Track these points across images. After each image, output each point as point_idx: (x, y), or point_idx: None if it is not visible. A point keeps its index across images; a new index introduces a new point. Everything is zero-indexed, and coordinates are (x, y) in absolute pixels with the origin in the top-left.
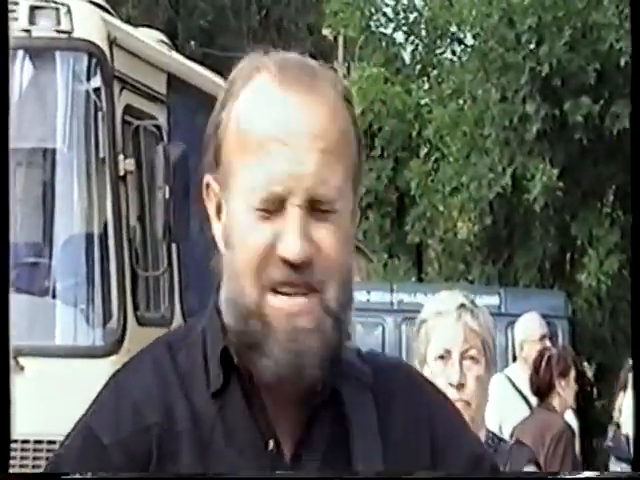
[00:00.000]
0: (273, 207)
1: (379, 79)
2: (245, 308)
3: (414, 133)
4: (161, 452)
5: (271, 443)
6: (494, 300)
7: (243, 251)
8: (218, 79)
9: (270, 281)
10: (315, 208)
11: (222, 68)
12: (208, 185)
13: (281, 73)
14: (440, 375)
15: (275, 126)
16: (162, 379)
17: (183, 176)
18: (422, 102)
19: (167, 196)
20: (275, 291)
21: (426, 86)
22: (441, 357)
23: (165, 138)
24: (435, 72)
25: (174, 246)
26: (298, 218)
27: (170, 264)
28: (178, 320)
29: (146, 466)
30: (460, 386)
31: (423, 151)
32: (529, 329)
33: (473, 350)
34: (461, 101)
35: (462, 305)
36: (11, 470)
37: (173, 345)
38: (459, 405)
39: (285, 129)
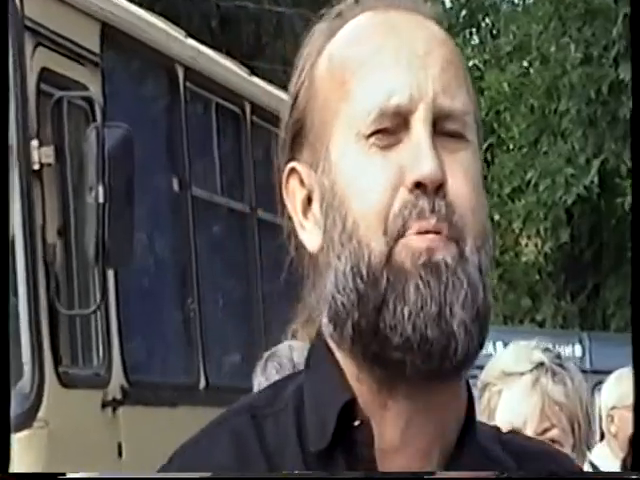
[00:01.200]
0: (391, 126)
1: None
2: (370, 264)
3: None
4: None
5: None
6: (575, 350)
7: (360, 198)
8: (174, 30)
9: (400, 221)
10: (442, 129)
11: (178, 13)
12: (292, 172)
13: (377, 4)
14: None
15: (385, 42)
16: (241, 453)
17: (125, 171)
18: (470, 63)
19: (101, 200)
20: (405, 234)
21: (475, 40)
22: None
23: (99, 116)
24: (488, 20)
25: (111, 273)
26: (427, 133)
27: (105, 299)
28: (118, 378)
29: None
30: None
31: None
32: (624, 392)
33: (555, 430)
34: (525, 63)
35: (541, 364)
36: None
37: (256, 410)
38: None
39: (398, 42)
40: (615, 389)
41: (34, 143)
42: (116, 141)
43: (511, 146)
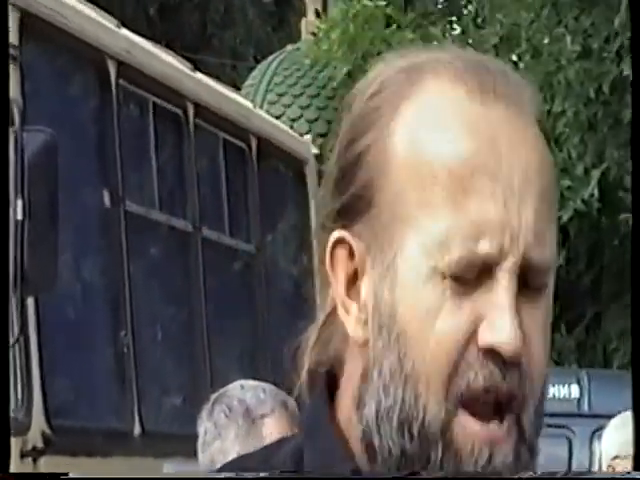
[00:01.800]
0: (474, 274)
1: (376, 18)
2: (424, 429)
3: None
4: None
5: None
6: (571, 390)
7: (426, 344)
8: (105, 19)
9: (465, 385)
10: (527, 281)
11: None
12: (340, 243)
13: (462, 75)
14: None
15: (479, 149)
16: None
17: (47, 183)
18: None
19: (20, 217)
20: (466, 404)
21: (456, 30)
22: None
23: (17, 119)
24: (471, 8)
25: (31, 301)
26: (512, 291)
27: (24, 331)
28: (39, 424)
29: None
30: None
31: None
32: (629, 440)
33: None
34: (514, 56)
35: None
36: None
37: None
38: None
39: (494, 154)
40: (618, 436)
41: None
42: (37, 148)
43: None
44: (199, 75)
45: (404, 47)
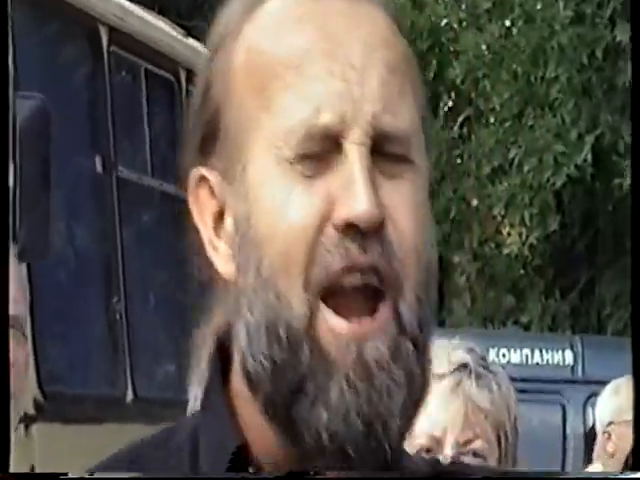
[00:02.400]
0: (320, 150)
1: None
2: (289, 329)
3: (429, 75)
4: None
5: None
6: (565, 357)
7: (279, 237)
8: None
9: (323, 270)
10: (382, 151)
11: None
12: (201, 181)
13: None
14: None
15: (315, 36)
16: None
17: (39, 149)
18: (443, 23)
19: (11, 183)
20: (330, 292)
21: None
22: (427, 449)
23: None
24: None
25: (24, 268)
26: (364, 163)
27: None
28: (31, 391)
29: None
30: None
31: (445, 106)
32: (623, 405)
33: (478, 441)
34: (508, 22)
35: (463, 365)
36: None
37: (143, 457)
38: None
39: (331, 37)
40: (612, 402)
41: None
42: (29, 114)
43: (491, 119)
44: (192, 41)
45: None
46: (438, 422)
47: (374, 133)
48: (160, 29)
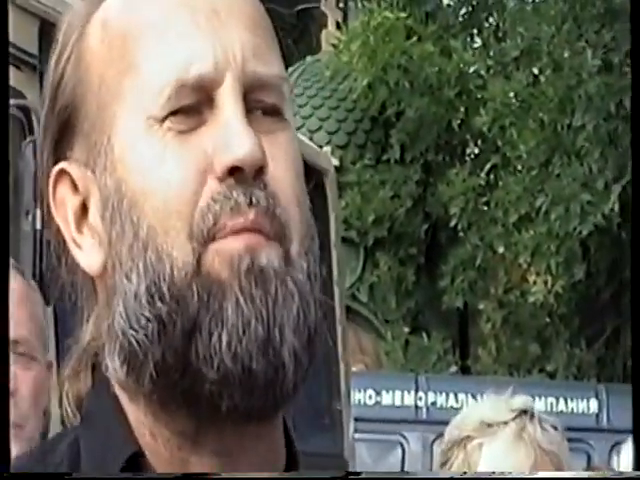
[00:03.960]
0: (193, 102)
1: (397, 30)
2: (174, 279)
3: (456, 122)
4: None
5: None
6: (590, 405)
7: (156, 197)
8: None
9: (210, 220)
10: (257, 105)
11: None
12: (61, 175)
13: None
14: None
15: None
16: None
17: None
18: (470, 70)
19: (39, 226)
20: (217, 236)
21: (477, 43)
22: None
23: (37, 128)
24: (492, 20)
25: (50, 308)
26: (240, 108)
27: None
28: None
29: None
30: None
31: (472, 154)
32: None
33: None
34: (535, 70)
35: (524, 411)
36: None
37: (34, 459)
38: None
39: (189, 2)
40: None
41: None
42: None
43: (518, 167)
44: None
45: (425, 60)
46: (507, 468)
47: (247, 80)
48: None
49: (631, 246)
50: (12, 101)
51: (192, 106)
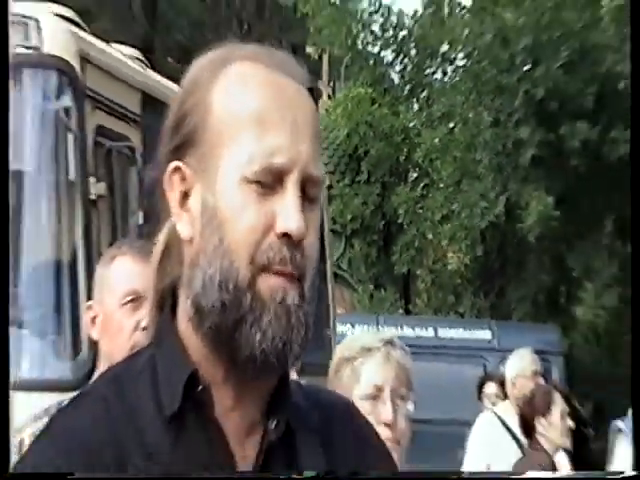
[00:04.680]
0: (270, 180)
1: (365, 100)
2: (236, 286)
3: (402, 157)
4: None
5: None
6: (486, 335)
7: (236, 230)
8: None
9: (264, 260)
10: (306, 192)
11: None
12: (176, 170)
13: (260, 58)
14: (370, 414)
15: (273, 102)
16: (110, 416)
17: (156, 201)
18: (410, 125)
19: (141, 222)
20: (267, 270)
21: (415, 108)
22: (372, 396)
23: (139, 161)
24: (425, 93)
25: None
26: (298, 194)
27: None
28: None
29: None
30: (392, 425)
31: (412, 176)
32: (521, 366)
33: (403, 388)
34: (451, 124)
35: (390, 341)
36: None
37: (118, 378)
38: (389, 444)
39: (283, 105)
40: (516, 363)
41: (92, 180)
42: (152, 179)
43: (441, 185)
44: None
45: (383, 120)
46: (379, 377)
47: (306, 177)
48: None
49: (631, 246)
50: (123, 143)
51: (269, 183)
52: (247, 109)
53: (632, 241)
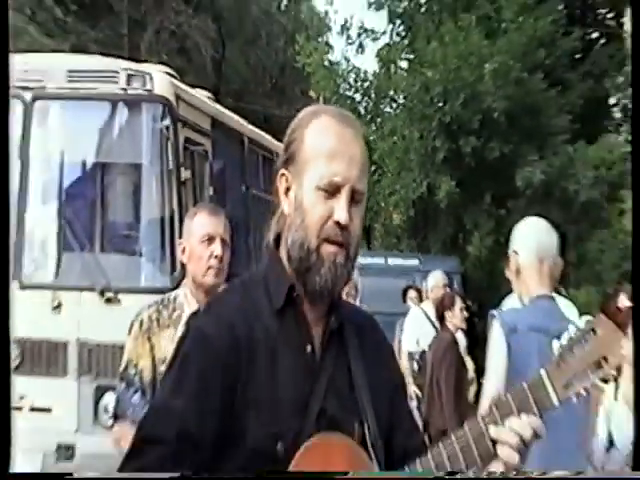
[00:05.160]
0: (332, 190)
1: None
2: (308, 248)
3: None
4: (244, 353)
5: (309, 347)
6: (415, 262)
7: (311, 216)
8: (243, 121)
9: (325, 235)
10: (353, 198)
11: (247, 116)
12: (283, 175)
13: (335, 115)
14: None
15: (339, 144)
16: (243, 307)
17: (221, 181)
18: (371, 138)
19: (211, 193)
20: (327, 241)
21: (373, 128)
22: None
23: (210, 157)
24: (379, 120)
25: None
26: (347, 200)
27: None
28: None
29: (235, 354)
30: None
31: (371, 169)
32: (436, 280)
33: (352, 290)
34: (395, 138)
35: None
36: None
37: (244, 283)
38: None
39: (344, 147)
40: (432, 279)
41: (182, 169)
42: (217, 169)
43: (389, 175)
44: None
45: None
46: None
47: (354, 189)
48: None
49: (632, 246)
50: (200, 147)
51: (331, 191)
52: (323, 146)
53: (633, 241)
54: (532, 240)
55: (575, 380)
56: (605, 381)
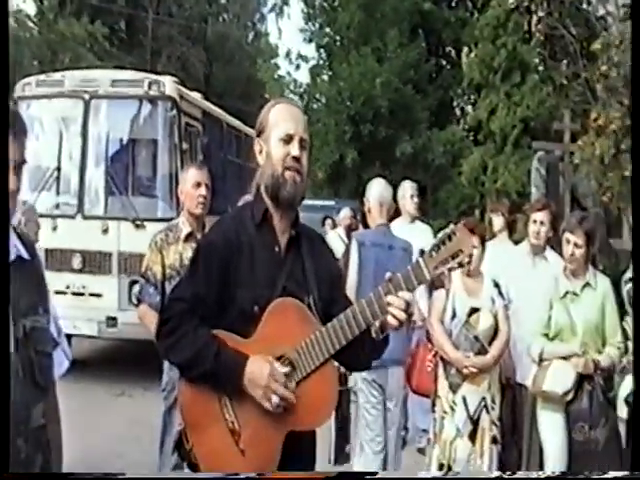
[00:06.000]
0: (287, 139)
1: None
2: (277, 176)
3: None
4: (234, 249)
5: (277, 248)
6: (332, 203)
7: (276, 156)
8: (223, 112)
9: (287, 165)
10: (301, 144)
11: (226, 109)
12: (258, 142)
13: (287, 102)
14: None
15: (289, 115)
16: (235, 223)
17: (207, 150)
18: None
19: (201, 158)
20: (288, 169)
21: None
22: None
23: (201, 135)
24: (309, 113)
25: None
26: (298, 143)
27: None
28: None
29: (228, 249)
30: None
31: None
32: (345, 213)
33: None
34: (319, 124)
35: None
36: None
37: (237, 210)
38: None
39: (295, 119)
40: (343, 212)
41: (183, 143)
42: (206, 142)
43: (315, 148)
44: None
45: None
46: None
47: (301, 138)
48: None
49: (632, 246)
50: (195, 129)
51: (287, 140)
52: (280, 116)
53: (633, 240)
54: (376, 191)
55: (440, 265)
56: (461, 265)
